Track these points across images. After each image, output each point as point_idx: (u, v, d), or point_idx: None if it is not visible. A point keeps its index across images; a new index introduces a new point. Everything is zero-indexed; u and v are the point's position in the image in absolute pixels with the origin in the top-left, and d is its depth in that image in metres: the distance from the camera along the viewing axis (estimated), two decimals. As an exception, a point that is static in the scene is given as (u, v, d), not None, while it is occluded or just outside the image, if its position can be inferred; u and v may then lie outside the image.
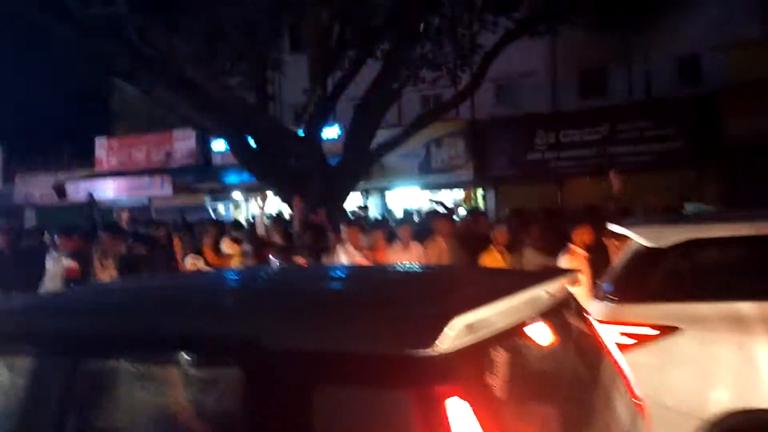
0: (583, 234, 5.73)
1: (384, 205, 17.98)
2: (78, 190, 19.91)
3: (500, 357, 1.93)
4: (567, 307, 2.46)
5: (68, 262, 7.55)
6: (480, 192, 17.81)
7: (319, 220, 9.42)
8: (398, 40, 12.64)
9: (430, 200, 15.48)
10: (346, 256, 6.48)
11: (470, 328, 1.83)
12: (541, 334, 2.16)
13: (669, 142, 15.11)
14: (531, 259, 6.27)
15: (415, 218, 13.35)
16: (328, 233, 7.69)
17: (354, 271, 3.35)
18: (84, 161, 22.01)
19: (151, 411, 2.26)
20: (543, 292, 2.30)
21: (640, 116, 15.65)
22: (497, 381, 1.87)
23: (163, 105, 14.17)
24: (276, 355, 1.93)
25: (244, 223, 12.76)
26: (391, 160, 15.44)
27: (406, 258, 6.56)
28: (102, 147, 21.77)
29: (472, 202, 17.61)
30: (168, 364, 2.19)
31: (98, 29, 11.74)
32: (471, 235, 7.35)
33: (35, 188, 22.48)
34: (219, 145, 18.77)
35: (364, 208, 13.10)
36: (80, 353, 2.34)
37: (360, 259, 6.35)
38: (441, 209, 11.28)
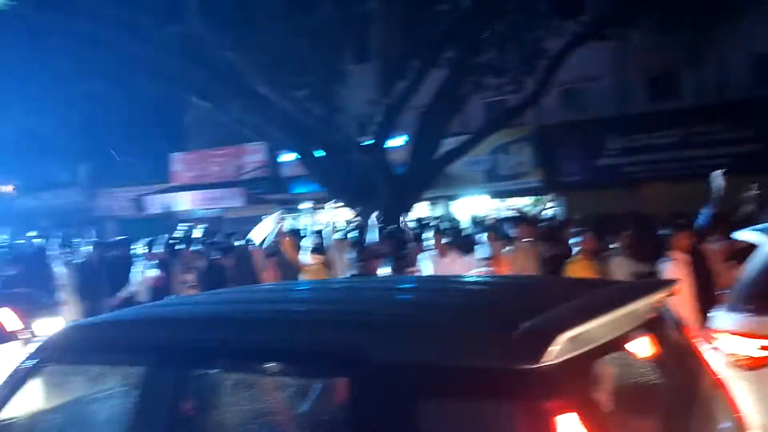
0: (681, 240, 5.54)
1: (450, 213, 17.92)
2: (155, 202, 20.72)
3: (603, 370, 1.95)
4: (665, 319, 2.44)
5: (154, 273, 7.87)
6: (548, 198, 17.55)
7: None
8: (462, 48, 12.66)
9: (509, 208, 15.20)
10: (436, 266, 6.42)
11: (576, 341, 1.83)
12: (642, 346, 2.16)
13: (746, 144, 14.53)
14: (621, 266, 6.04)
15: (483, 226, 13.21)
16: (410, 243, 7.72)
17: (457, 282, 3.27)
18: (160, 175, 22.93)
19: (257, 421, 2.31)
20: (644, 304, 2.28)
21: (715, 119, 15.11)
22: (601, 394, 1.89)
23: (235, 119, 14.61)
24: (381, 367, 1.94)
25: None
26: (456, 168, 15.41)
27: (497, 268, 6.40)
28: (177, 161, 22.58)
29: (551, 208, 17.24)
30: (275, 375, 2.23)
31: (173, 47, 12.26)
32: (552, 241, 7.26)
33: (116, 201, 23.59)
34: (288, 156, 19.18)
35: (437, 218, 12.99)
36: (188, 363, 2.39)
37: (459, 269, 6.24)
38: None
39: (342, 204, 13.88)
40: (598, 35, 13.17)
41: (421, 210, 15.86)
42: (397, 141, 15.64)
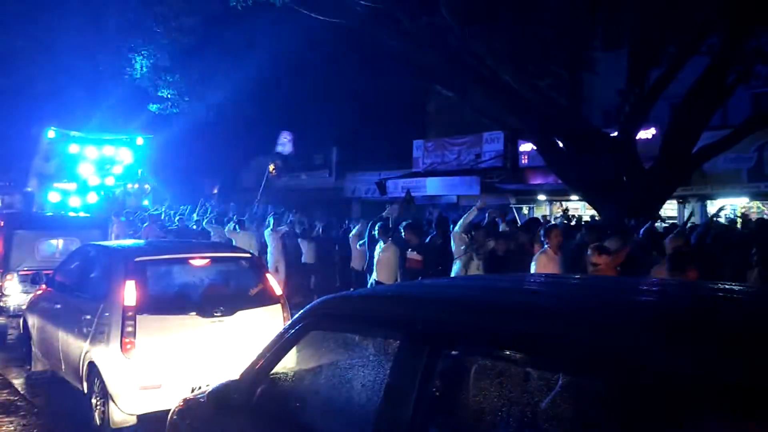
0: None
1: (705, 214, 16.38)
2: (397, 187, 21.78)
3: None
4: None
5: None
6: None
7: None
8: (730, 33, 11.40)
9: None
10: None
11: None
12: None
13: None
14: None
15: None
16: None
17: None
18: (403, 161, 24.07)
19: (497, 408, 2.27)
20: None
21: None
22: None
23: (475, 108, 14.77)
24: (649, 375, 1.77)
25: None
26: (713, 165, 14.04)
27: None
28: (419, 148, 23.52)
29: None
30: (526, 366, 2.18)
31: (423, 39, 12.72)
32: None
33: (361, 185, 25.29)
34: (526, 147, 18.98)
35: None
36: (441, 343, 2.41)
37: None
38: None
39: (579, 198, 13.40)
40: None
41: (668, 209, 14.74)
42: (645, 133, 14.69)
